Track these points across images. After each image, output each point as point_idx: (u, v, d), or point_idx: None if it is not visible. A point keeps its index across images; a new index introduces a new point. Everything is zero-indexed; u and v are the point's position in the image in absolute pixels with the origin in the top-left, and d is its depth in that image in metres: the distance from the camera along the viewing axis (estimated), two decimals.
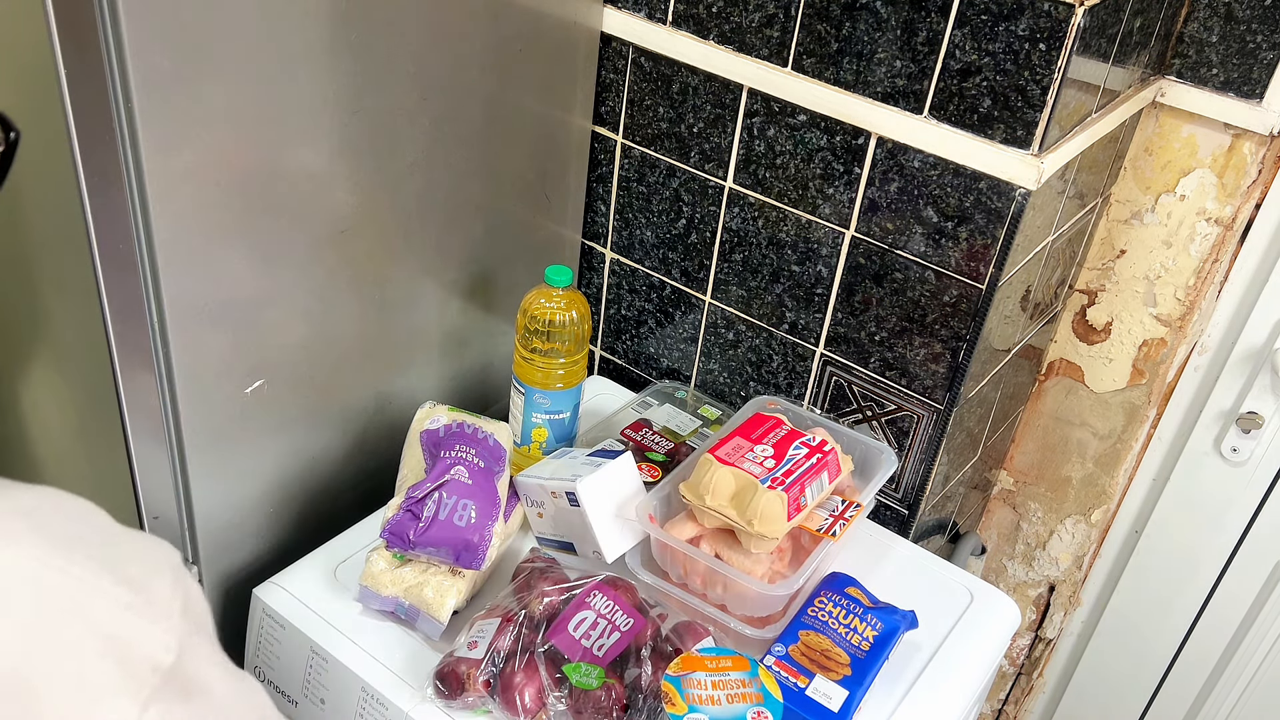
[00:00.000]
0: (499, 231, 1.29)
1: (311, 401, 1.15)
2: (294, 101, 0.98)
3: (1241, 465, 1.43)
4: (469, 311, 1.30)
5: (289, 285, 1.06)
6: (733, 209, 1.30)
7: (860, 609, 1.07)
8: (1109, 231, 1.37)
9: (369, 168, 1.08)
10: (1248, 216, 1.31)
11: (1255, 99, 1.23)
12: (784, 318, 1.31)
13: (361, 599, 1.06)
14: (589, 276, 1.49)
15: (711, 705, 0.92)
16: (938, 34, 1.07)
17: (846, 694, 0.99)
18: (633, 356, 1.50)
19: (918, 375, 1.23)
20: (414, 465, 1.11)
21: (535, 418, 1.21)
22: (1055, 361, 1.49)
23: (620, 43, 1.30)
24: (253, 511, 1.15)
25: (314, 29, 0.96)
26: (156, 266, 0.93)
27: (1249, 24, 1.20)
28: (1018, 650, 1.73)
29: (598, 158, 1.39)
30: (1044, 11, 1.01)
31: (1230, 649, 1.55)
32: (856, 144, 1.17)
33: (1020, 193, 1.08)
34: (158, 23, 0.84)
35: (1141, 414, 1.45)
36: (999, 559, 1.67)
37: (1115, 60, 1.12)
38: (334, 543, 1.15)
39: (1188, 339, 1.40)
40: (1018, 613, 1.19)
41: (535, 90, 1.24)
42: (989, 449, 1.46)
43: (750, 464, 1.07)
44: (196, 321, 0.99)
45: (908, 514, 1.32)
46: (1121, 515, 1.56)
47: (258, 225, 1.00)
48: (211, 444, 1.06)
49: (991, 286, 1.14)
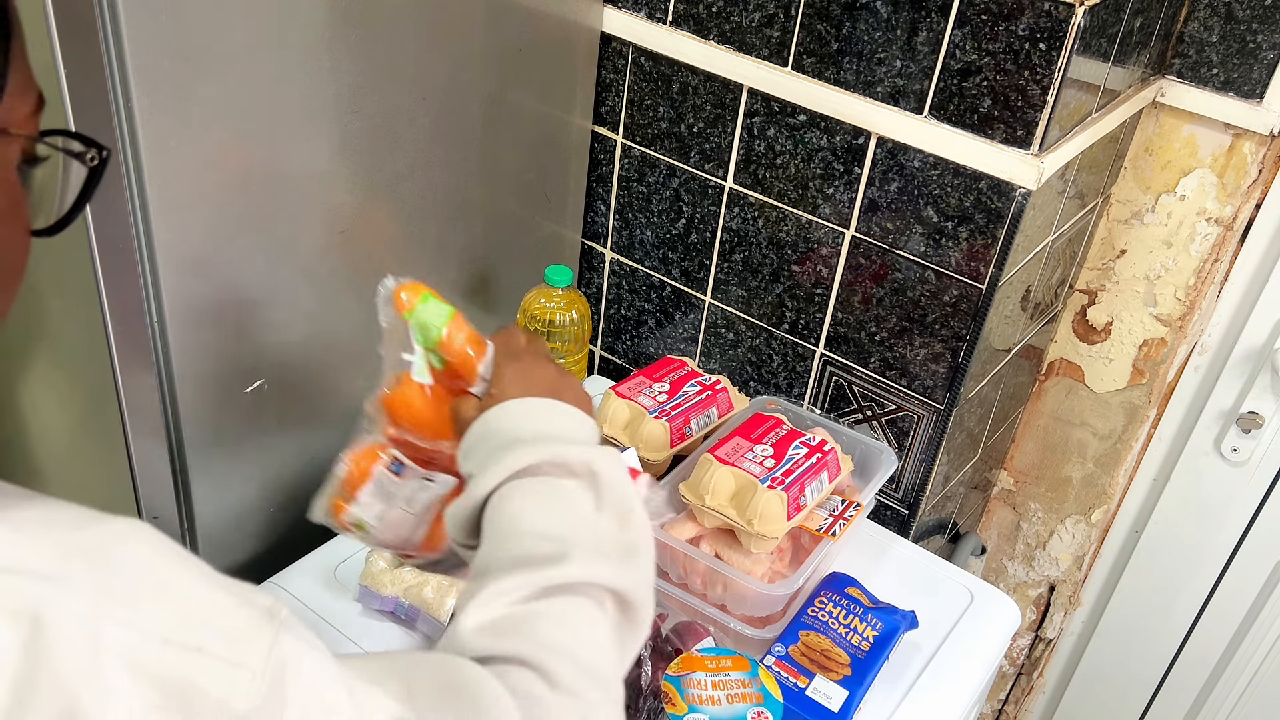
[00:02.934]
0: (499, 231, 1.29)
1: (311, 401, 1.15)
2: (294, 101, 0.98)
3: (1241, 465, 1.43)
4: (469, 311, 1.29)
5: (289, 285, 1.06)
6: (733, 209, 1.30)
7: (860, 609, 1.07)
8: (1109, 231, 1.37)
9: (369, 168, 1.08)
10: (1248, 216, 1.31)
11: (1255, 99, 1.23)
12: (784, 318, 1.31)
13: (361, 599, 1.06)
14: (589, 276, 1.49)
15: (712, 705, 0.92)
16: (938, 34, 1.07)
17: (846, 694, 0.99)
18: (633, 356, 1.50)
19: (918, 375, 1.23)
20: None
21: None
22: (1055, 361, 1.49)
23: (620, 43, 1.30)
24: (253, 511, 1.14)
25: (314, 29, 0.96)
26: (156, 266, 0.93)
27: (1249, 24, 1.20)
28: (1018, 650, 1.73)
29: (598, 157, 1.39)
30: (1044, 11, 1.01)
31: (1230, 649, 1.55)
32: (856, 144, 1.17)
33: (1020, 193, 1.08)
34: (158, 23, 0.84)
35: (1142, 414, 1.45)
36: (999, 559, 1.67)
37: (1115, 60, 1.12)
38: (334, 543, 1.15)
39: (1188, 339, 1.40)
40: (1018, 613, 1.19)
41: (535, 90, 1.24)
42: (989, 449, 1.46)
43: (750, 464, 1.08)
44: (196, 321, 0.99)
45: (908, 514, 1.32)
46: (1121, 515, 1.55)
47: (258, 225, 1.00)
48: (211, 444, 1.06)
49: (992, 286, 1.14)
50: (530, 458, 0.68)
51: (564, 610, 0.63)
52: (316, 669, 0.52)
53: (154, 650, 0.47)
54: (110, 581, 0.48)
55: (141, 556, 0.50)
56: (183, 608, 0.49)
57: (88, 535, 0.49)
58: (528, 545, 0.65)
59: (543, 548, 0.65)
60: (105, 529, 0.50)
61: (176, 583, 0.50)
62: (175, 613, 0.49)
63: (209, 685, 0.48)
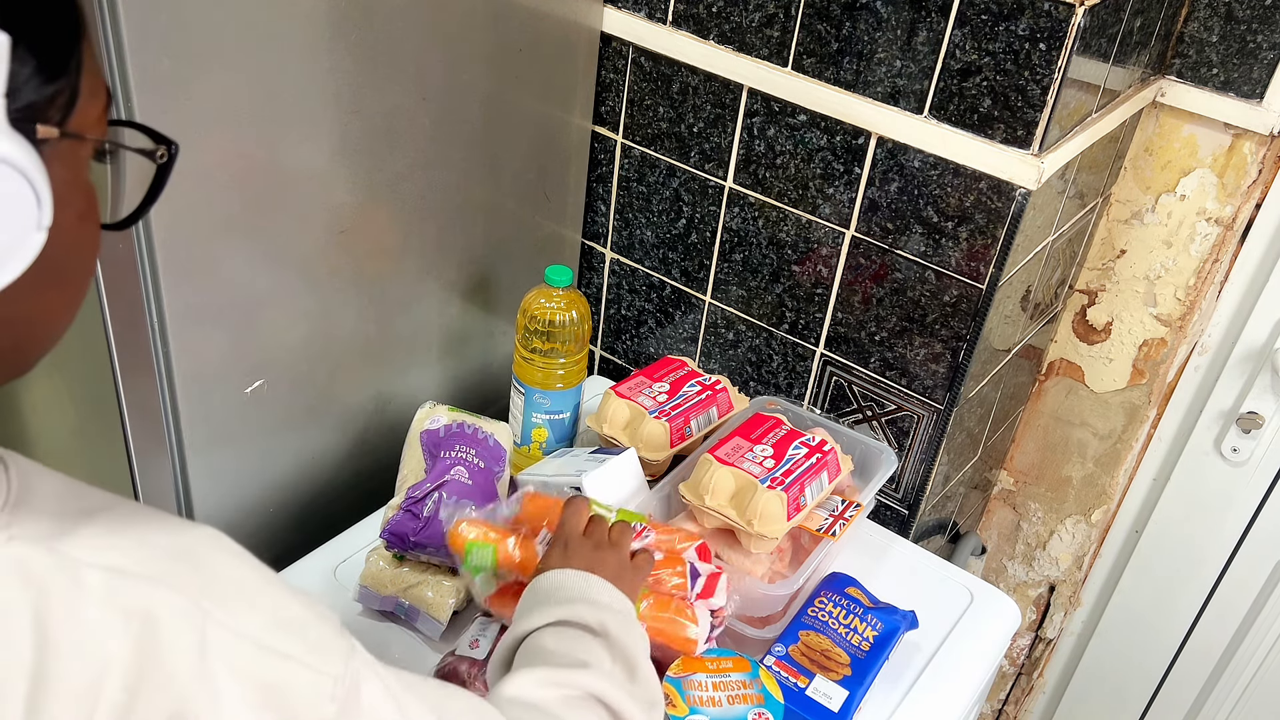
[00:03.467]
0: (499, 231, 1.29)
1: (311, 401, 1.15)
2: (294, 101, 0.98)
3: (1242, 465, 1.43)
4: (469, 311, 1.30)
5: (289, 285, 1.06)
6: (733, 209, 1.30)
7: (860, 609, 1.07)
8: (1109, 231, 1.37)
9: (369, 168, 1.08)
10: (1248, 216, 1.31)
11: (1255, 99, 1.23)
12: (784, 318, 1.31)
13: (361, 599, 1.06)
14: (589, 276, 1.49)
15: (712, 706, 0.92)
16: (938, 34, 1.07)
17: (846, 694, 0.99)
18: (633, 356, 1.50)
19: (918, 375, 1.23)
20: (414, 465, 1.11)
21: (535, 418, 1.21)
22: (1055, 361, 1.49)
23: (620, 43, 1.30)
24: (253, 511, 1.14)
25: (314, 29, 0.96)
26: (156, 267, 0.93)
27: (1249, 24, 1.20)
28: (1018, 650, 1.73)
29: (598, 157, 1.39)
30: (1044, 11, 1.01)
31: (1230, 649, 1.55)
32: (856, 144, 1.17)
33: (1020, 193, 1.08)
34: (158, 23, 0.84)
35: (1142, 414, 1.45)
36: (999, 559, 1.66)
37: (1115, 60, 1.12)
38: (334, 543, 1.15)
39: (1188, 339, 1.40)
40: (1018, 613, 1.19)
41: (535, 90, 1.24)
42: (989, 449, 1.46)
43: (750, 464, 1.07)
44: (196, 322, 0.99)
45: (908, 514, 1.32)
46: (1122, 515, 1.55)
47: (257, 225, 1.00)
48: (211, 444, 1.06)
49: (992, 286, 1.14)
50: (558, 614, 0.78)
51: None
52: (379, 685, 0.55)
53: (250, 652, 0.49)
54: (208, 584, 0.50)
55: (228, 562, 0.52)
56: (271, 614, 0.52)
57: (180, 540, 0.51)
58: (554, 661, 0.75)
59: (567, 660, 0.74)
60: (193, 534, 0.52)
61: (261, 589, 0.53)
62: (265, 618, 0.51)
63: (300, 690, 0.50)
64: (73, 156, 0.48)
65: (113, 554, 0.47)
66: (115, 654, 0.46)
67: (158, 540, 0.50)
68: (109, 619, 0.46)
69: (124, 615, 0.46)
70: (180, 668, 0.47)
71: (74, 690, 0.45)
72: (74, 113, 0.47)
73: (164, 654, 0.47)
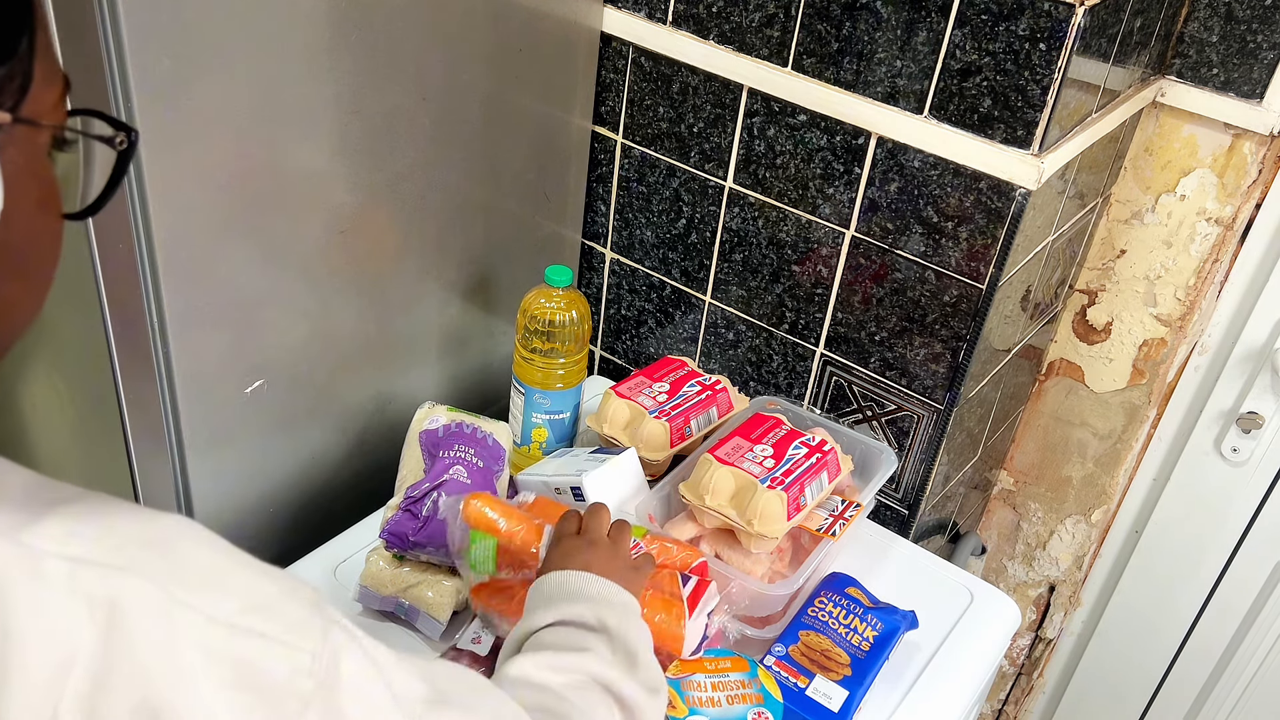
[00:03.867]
0: (499, 231, 1.29)
1: (311, 401, 1.15)
2: (294, 101, 0.98)
3: (1242, 465, 1.43)
4: (469, 311, 1.30)
5: (289, 285, 1.06)
6: (733, 209, 1.30)
7: (860, 609, 1.07)
8: (1109, 231, 1.37)
9: (369, 168, 1.07)
10: (1248, 216, 1.31)
11: (1255, 99, 1.23)
12: (784, 318, 1.31)
13: (361, 599, 1.06)
14: (589, 276, 1.49)
15: (712, 707, 0.92)
16: (938, 34, 1.07)
17: (846, 694, 0.99)
18: (633, 356, 1.50)
19: (918, 375, 1.23)
20: (413, 465, 1.11)
21: (535, 418, 1.21)
22: (1055, 361, 1.49)
23: (620, 43, 1.30)
24: (253, 512, 1.14)
25: (314, 29, 0.96)
26: (156, 267, 0.93)
27: (1249, 24, 1.20)
28: (1018, 650, 1.73)
29: (598, 157, 1.39)
30: (1044, 11, 1.01)
31: (1230, 649, 1.55)
32: (856, 144, 1.17)
33: (1020, 193, 1.08)
34: (158, 23, 0.84)
35: (1142, 414, 1.45)
36: (999, 559, 1.67)
37: (1115, 60, 1.12)
38: (334, 543, 1.15)
39: (1188, 339, 1.40)
40: (1018, 613, 1.19)
41: (535, 90, 1.24)
42: (989, 449, 1.46)
43: (750, 464, 1.07)
44: (196, 322, 0.99)
45: (908, 514, 1.32)
46: (1122, 515, 1.55)
47: (258, 225, 1.00)
48: (211, 445, 1.06)
49: (991, 286, 1.14)
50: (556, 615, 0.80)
51: (590, 706, 0.73)
52: (361, 658, 0.55)
53: (223, 635, 0.49)
54: (177, 571, 0.50)
55: (199, 549, 0.52)
56: (243, 596, 0.51)
57: (149, 528, 0.51)
58: (556, 649, 0.77)
59: (568, 648, 0.77)
60: (162, 522, 0.52)
61: (233, 573, 0.53)
62: (237, 600, 0.51)
63: (275, 667, 0.50)
64: (28, 143, 0.47)
65: (77, 543, 0.47)
66: (80, 644, 0.45)
67: (125, 529, 0.49)
68: (73, 608, 0.46)
69: (88, 604, 0.46)
70: (149, 655, 0.47)
71: (36, 682, 0.44)
72: (27, 98, 0.47)
73: (131, 642, 0.46)
